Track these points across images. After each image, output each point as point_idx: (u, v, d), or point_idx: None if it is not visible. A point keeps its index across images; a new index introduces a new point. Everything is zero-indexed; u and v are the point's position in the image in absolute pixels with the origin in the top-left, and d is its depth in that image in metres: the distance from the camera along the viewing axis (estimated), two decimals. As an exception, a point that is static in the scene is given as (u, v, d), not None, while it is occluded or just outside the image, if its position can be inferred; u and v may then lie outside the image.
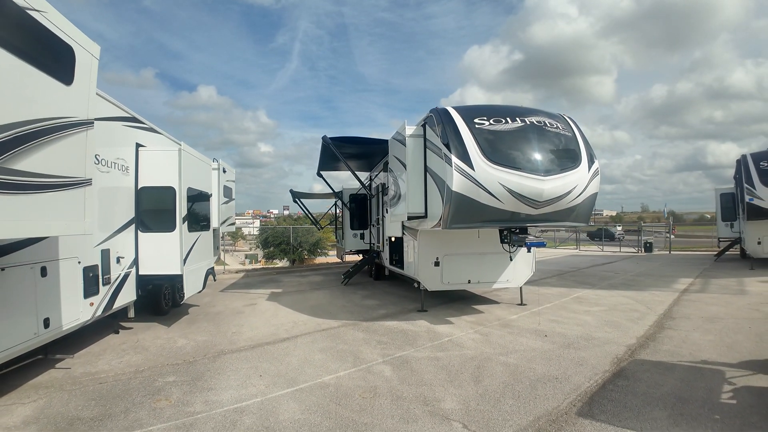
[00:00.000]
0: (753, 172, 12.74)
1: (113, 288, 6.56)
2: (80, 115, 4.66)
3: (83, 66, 4.73)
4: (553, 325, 7.62)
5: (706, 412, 4.14)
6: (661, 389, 4.72)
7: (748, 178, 12.85)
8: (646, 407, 4.29)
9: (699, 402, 4.36)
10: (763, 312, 8.32)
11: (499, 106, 7.67)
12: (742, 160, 13.34)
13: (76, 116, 4.56)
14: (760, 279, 12.42)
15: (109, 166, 6.47)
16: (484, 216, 6.91)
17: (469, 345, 6.47)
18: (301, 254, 23.66)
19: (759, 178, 12.54)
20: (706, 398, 4.46)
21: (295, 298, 10.62)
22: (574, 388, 4.84)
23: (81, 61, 4.68)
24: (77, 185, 4.61)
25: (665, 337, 6.80)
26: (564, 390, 4.79)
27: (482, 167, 6.67)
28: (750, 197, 12.70)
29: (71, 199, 4.53)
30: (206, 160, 9.03)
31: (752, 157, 13.08)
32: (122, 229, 6.87)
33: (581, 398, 4.57)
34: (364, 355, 6.07)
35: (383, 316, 8.57)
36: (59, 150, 4.30)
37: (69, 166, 4.51)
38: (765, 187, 12.40)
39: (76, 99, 4.63)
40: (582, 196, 7.22)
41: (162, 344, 6.67)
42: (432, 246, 8.59)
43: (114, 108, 6.60)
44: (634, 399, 4.49)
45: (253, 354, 6.15)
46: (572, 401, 4.50)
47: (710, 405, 4.30)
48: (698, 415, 4.08)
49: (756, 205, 12.63)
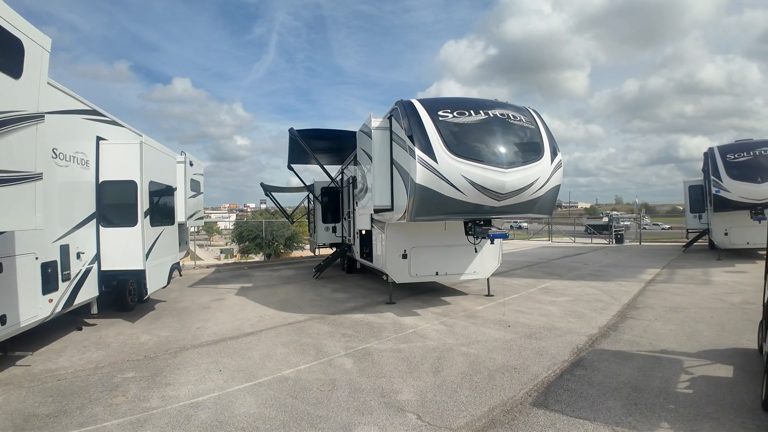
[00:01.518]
0: (720, 164, 13.05)
1: (74, 284, 6.44)
2: (30, 108, 4.57)
3: (33, 59, 4.64)
4: (517, 315, 7.77)
5: (661, 402, 4.21)
6: (617, 379, 4.79)
7: (715, 171, 13.18)
8: (600, 397, 4.35)
9: (654, 392, 4.43)
10: (726, 302, 8.57)
11: (464, 99, 7.73)
12: (710, 153, 13.66)
13: (25, 110, 4.48)
14: (726, 269, 12.81)
15: (68, 160, 6.33)
16: (448, 208, 6.98)
17: (433, 336, 6.56)
18: (277, 248, 23.49)
19: (726, 171, 12.86)
20: (662, 388, 4.52)
21: (264, 293, 10.57)
22: (531, 378, 4.92)
23: (30, 54, 4.58)
24: (27, 180, 4.54)
25: (627, 326, 6.96)
26: (521, 380, 4.87)
27: (445, 160, 6.74)
28: (717, 189, 13.02)
29: (20, 194, 4.46)
30: (170, 153, 8.89)
31: (719, 150, 13.41)
32: (83, 224, 6.74)
33: (537, 388, 4.64)
34: (327, 348, 6.10)
35: (351, 309, 8.61)
36: (7, 144, 4.22)
37: (18, 161, 4.42)
38: (731, 180, 12.72)
39: (26, 93, 4.54)
40: (545, 188, 7.35)
41: (124, 340, 6.59)
42: (399, 238, 8.64)
43: (73, 101, 6.46)
44: (589, 389, 4.55)
45: (215, 349, 6.12)
46: (528, 391, 4.58)
47: (665, 395, 4.36)
48: (653, 405, 4.15)
49: (722, 197, 12.96)
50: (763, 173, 12.47)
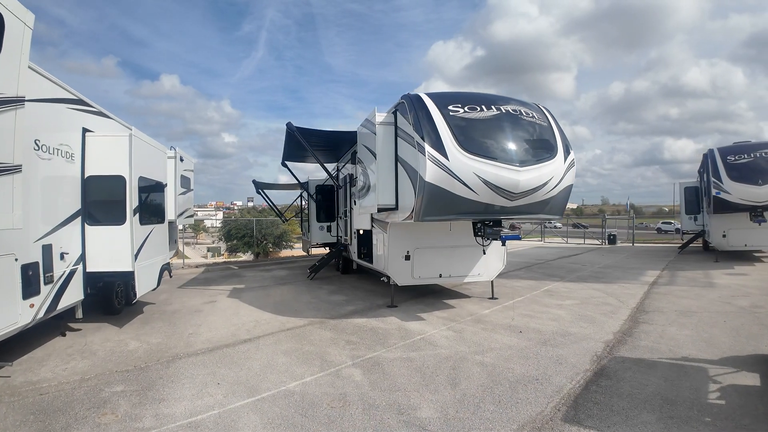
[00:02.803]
0: (720, 166, 12.95)
1: (57, 287, 5.93)
2: (8, 91, 4.06)
3: (13, 35, 4.13)
4: (527, 320, 7.46)
5: (696, 415, 3.99)
6: (645, 389, 4.56)
7: (715, 172, 13.06)
8: (633, 410, 4.11)
9: (687, 403, 4.21)
10: (735, 305, 8.38)
11: (473, 94, 7.38)
12: (709, 155, 13.55)
13: (3, 92, 3.97)
14: (725, 271, 12.68)
15: (52, 153, 5.82)
16: (459, 208, 6.63)
17: (443, 343, 6.20)
18: (266, 247, 22.99)
19: (726, 173, 12.75)
20: (693, 399, 4.31)
21: (257, 295, 10.11)
22: (556, 390, 4.62)
23: (10, 29, 4.07)
24: (3, 172, 4.05)
25: (641, 332, 6.71)
26: (546, 392, 4.55)
27: (457, 157, 6.38)
28: (717, 191, 12.91)
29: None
30: (161, 147, 8.39)
31: (719, 151, 13.30)
32: (67, 222, 6.23)
33: (565, 401, 4.34)
34: (332, 357, 5.70)
35: (351, 312, 8.22)
36: None
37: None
38: (732, 181, 12.63)
39: (4, 72, 4.03)
40: (558, 187, 7.06)
41: (112, 347, 6.11)
42: (403, 239, 8.27)
43: (57, 88, 5.94)
44: (619, 401, 4.30)
45: (210, 358, 5.68)
46: (556, 405, 4.27)
47: (699, 406, 4.15)
48: (688, 418, 3.92)
49: (722, 199, 12.86)
50: (763, 175, 12.38)
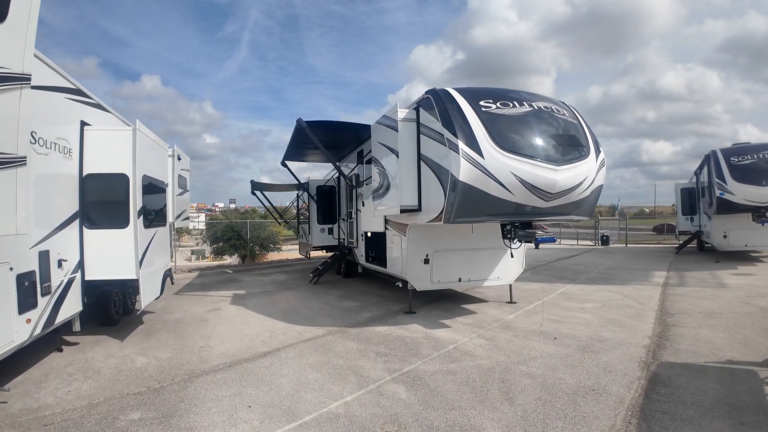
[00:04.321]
0: (724, 167, 12.94)
1: (55, 298, 5.29)
2: (13, 66, 3.41)
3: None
4: (557, 325, 7.12)
5: (765, 419, 3.84)
6: (706, 396, 4.36)
7: (719, 174, 13.05)
8: (703, 418, 3.89)
9: (752, 408, 4.07)
10: (755, 306, 8.26)
11: (500, 89, 6.99)
12: (712, 156, 13.55)
13: (7, 67, 3.33)
14: (732, 272, 12.65)
15: (49, 147, 5.19)
16: (492, 209, 6.24)
17: (480, 353, 5.79)
18: (253, 249, 22.30)
19: (730, 174, 12.75)
20: (756, 403, 4.15)
21: (262, 301, 9.53)
22: (617, 400, 4.32)
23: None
24: (6, 165, 3.43)
25: (676, 335, 6.49)
26: (608, 404, 4.25)
27: (492, 155, 5.98)
28: (721, 192, 12.91)
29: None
30: (162, 144, 7.78)
31: (723, 152, 13.31)
32: (64, 225, 5.60)
33: (632, 413, 4.06)
34: (367, 371, 5.21)
35: (369, 320, 7.74)
36: None
37: None
38: (736, 182, 12.63)
39: (10, 43, 3.38)
40: (590, 188, 6.74)
41: (117, 364, 5.50)
42: (422, 242, 7.84)
43: (56, 76, 5.33)
44: (685, 409, 4.07)
45: (232, 375, 5.13)
46: (624, 417, 3.97)
47: (765, 411, 4.01)
48: (759, 423, 3.80)
49: (727, 200, 12.86)
50: (767, 176, 12.41)
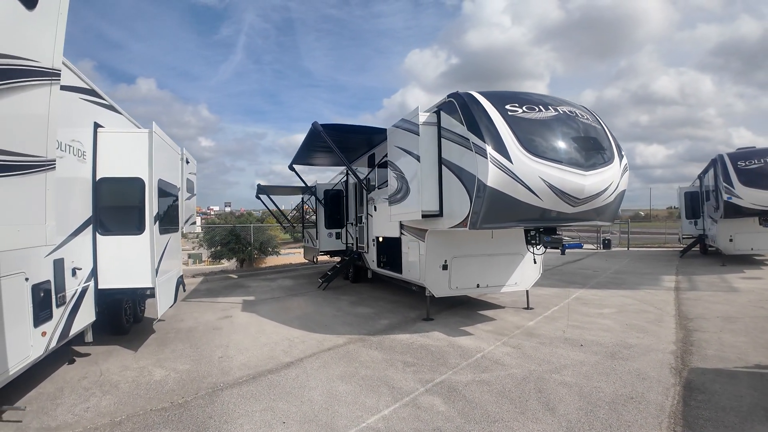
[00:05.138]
0: (731, 171, 12.96)
1: (69, 309, 5.08)
2: (43, 60, 3.08)
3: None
4: (579, 332, 6.99)
5: None
6: (743, 401, 4.33)
7: (726, 178, 13.05)
8: (745, 424, 3.86)
9: None
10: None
11: (522, 93, 6.88)
12: (719, 160, 13.56)
13: (37, 60, 3.01)
14: (740, 276, 12.65)
15: (64, 150, 4.97)
16: (519, 215, 6.11)
17: (509, 362, 5.63)
18: (251, 253, 22.10)
19: (738, 178, 12.76)
20: None
21: (273, 308, 9.32)
22: (658, 408, 4.24)
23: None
24: (36, 169, 3.11)
25: (700, 340, 6.43)
26: (650, 412, 4.17)
27: (521, 160, 5.85)
28: (728, 196, 12.91)
29: (26, 190, 3.04)
30: (175, 147, 7.56)
31: (730, 156, 13.33)
32: (78, 231, 5.39)
33: (675, 421, 4.00)
34: (398, 382, 5.03)
35: (388, 327, 7.56)
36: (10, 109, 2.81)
37: (22, 139, 2.97)
38: (744, 186, 12.64)
39: (40, 34, 3.06)
40: (614, 193, 6.64)
41: (134, 377, 5.28)
42: (441, 248, 7.68)
43: (71, 75, 5.11)
44: (726, 416, 4.01)
45: (258, 388, 4.92)
46: (669, 425, 3.92)
47: None
48: None
49: (734, 204, 12.86)
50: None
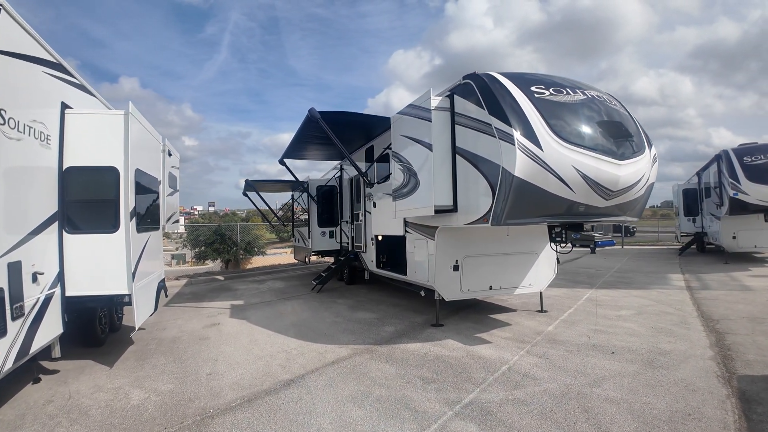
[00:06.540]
0: (737, 167, 12.68)
1: (29, 321, 4.23)
2: None
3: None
4: (605, 336, 6.42)
5: None
6: None
7: (732, 174, 12.75)
8: None
9: None
10: (792, 309, 7.84)
11: (545, 75, 6.24)
12: (724, 155, 13.26)
13: None
14: (747, 273, 12.37)
15: (22, 131, 4.14)
16: (548, 209, 5.47)
17: (541, 375, 4.98)
18: (237, 253, 21.51)
19: (744, 174, 12.47)
20: None
21: (266, 314, 8.51)
22: (721, 425, 3.73)
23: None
24: None
25: (735, 344, 5.97)
26: (714, 430, 3.65)
27: (553, 147, 5.20)
28: (735, 192, 12.61)
29: None
30: (156, 134, 6.73)
31: (735, 152, 13.05)
32: (40, 229, 4.54)
33: None
34: (420, 404, 4.32)
35: (395, 335, 6.86)
36: None
37: None
38: (750, 182, 12.36)
39: None
40: (645, 185, 6.08)
41: (108, 401, 4.47)
42: (452, 247, 7.01)
43: (34, 44, 4.29)
44: None
45: (256, 415, 4.14)
46: None
47: None
48: None
49: (741, 200, 12.58)
50: (781, 176, 12.17)
